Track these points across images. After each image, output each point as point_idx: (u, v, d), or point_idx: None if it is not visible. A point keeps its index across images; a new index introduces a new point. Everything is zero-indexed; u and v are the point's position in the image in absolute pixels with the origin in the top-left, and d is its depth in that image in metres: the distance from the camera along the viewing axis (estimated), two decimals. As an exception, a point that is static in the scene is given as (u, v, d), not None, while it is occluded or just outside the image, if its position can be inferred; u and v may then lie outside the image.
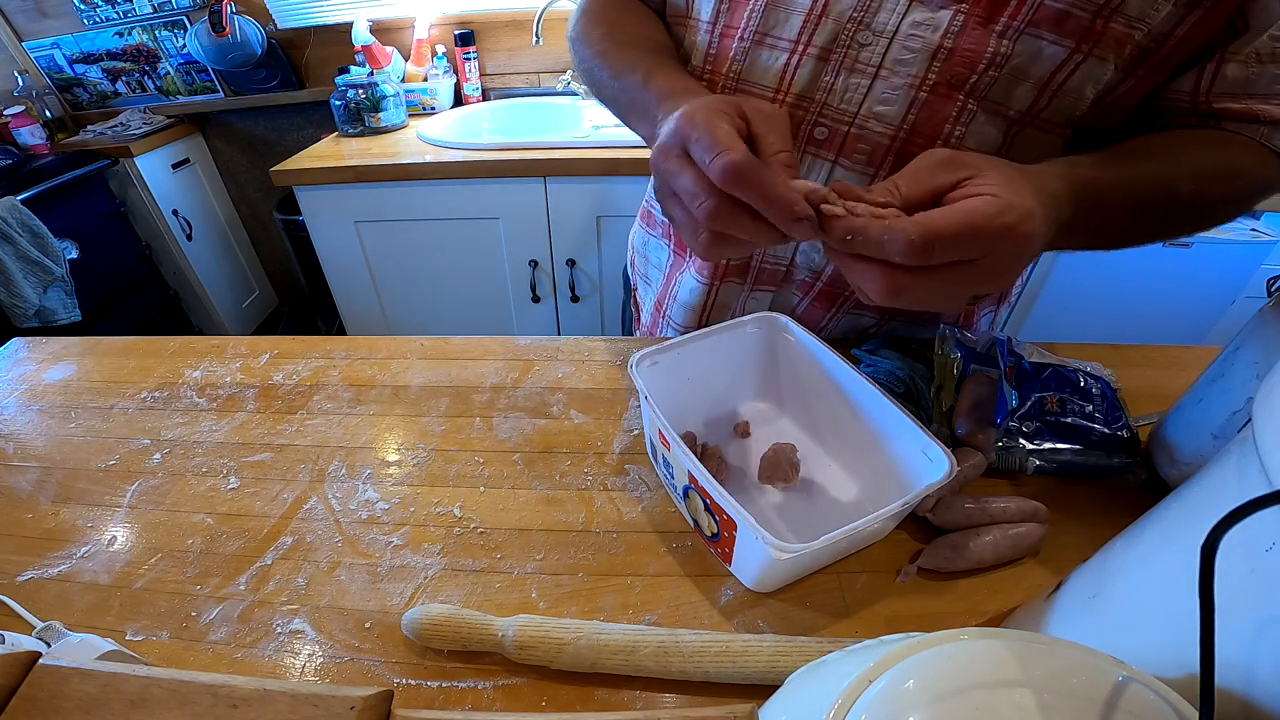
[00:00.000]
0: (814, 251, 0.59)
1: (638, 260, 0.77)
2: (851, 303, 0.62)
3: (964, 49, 0.44)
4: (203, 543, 0.48)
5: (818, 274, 0.60)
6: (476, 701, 0.38)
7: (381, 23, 1.73)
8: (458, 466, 0.54)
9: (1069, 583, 0.34)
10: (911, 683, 0.22)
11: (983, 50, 0.44)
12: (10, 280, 1.49)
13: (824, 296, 0.62)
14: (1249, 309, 0.86)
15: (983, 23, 0.43)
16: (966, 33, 0.44)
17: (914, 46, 0.45)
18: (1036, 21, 0.42)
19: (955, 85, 0.46)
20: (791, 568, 0.42)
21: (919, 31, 0.45)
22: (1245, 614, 0.22)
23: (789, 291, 0.63)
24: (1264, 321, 0.42)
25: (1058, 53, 0.43)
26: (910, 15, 0.45)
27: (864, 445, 0.48)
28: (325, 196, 1.44)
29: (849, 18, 0.46)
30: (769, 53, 0.50)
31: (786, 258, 0.61)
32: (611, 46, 0.55)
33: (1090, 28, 0.41)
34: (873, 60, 0.47)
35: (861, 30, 0.46)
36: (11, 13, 1.82)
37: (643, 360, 0.49)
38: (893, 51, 0.46)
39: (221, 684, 0.26)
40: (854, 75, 0.48)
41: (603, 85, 0.55)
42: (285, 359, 0.68)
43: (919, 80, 0.46)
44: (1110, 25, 0.41)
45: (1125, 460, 0.49)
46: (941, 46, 0.45)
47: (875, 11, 0.46)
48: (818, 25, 0.47)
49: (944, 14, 0.44)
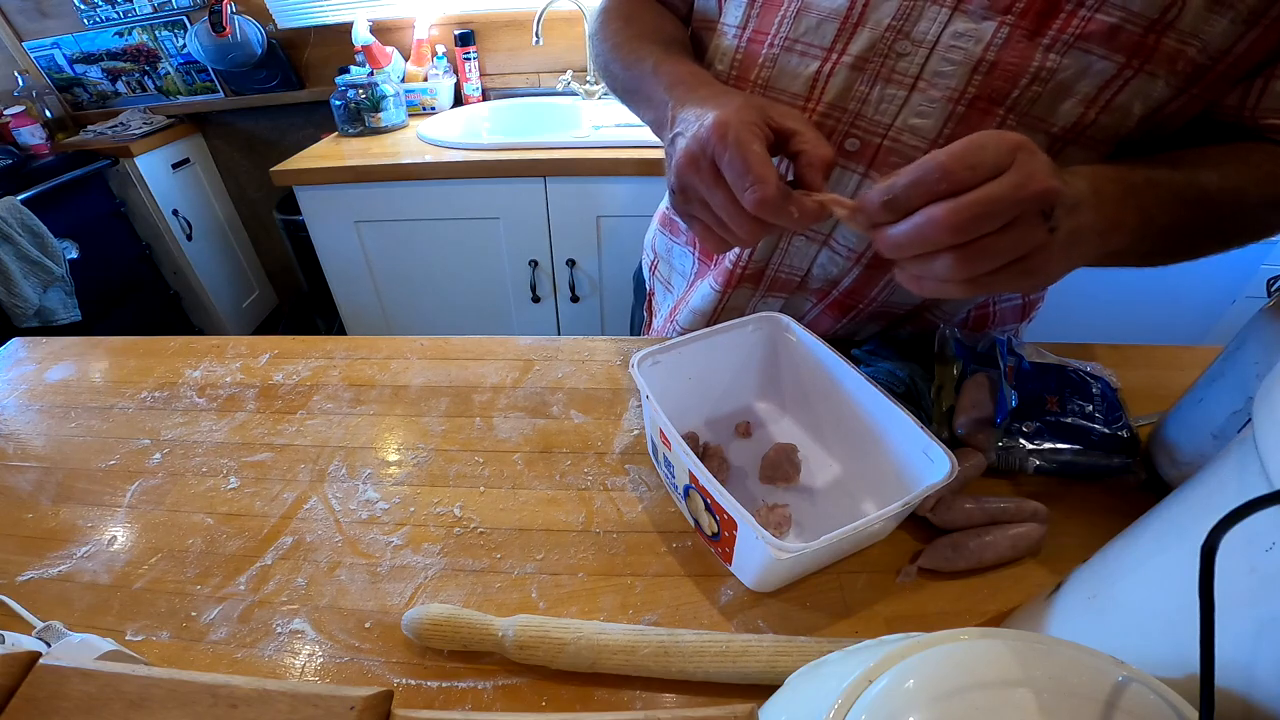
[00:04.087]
0: (831, 264, 0.58)
1: (660, 266, 0.75)
2: (865, 314, 0.61)
3: (1007, 62, 0.42)
4: (203, 543, 0.48)
5: (834, 283, 0.60)
6: (476, 701, 0.38)
7: (381, 23, 1.73)
8: (458, 466, 0.54)
9: (1069, 583, 0.34)
10: (911, 683, 0.22)
11: (1027, 64, 0.42)
12: (10, 280, 1.49)
13: (836, 306, 0.61)
14: (1249, 309, 0.86)
15: (1029, 35, 0.41)
16: (1011, 45, 0.42)
17: (954, 59, 0.44)
18: (1086, 35, 0.40)
19: (995, 100, 0.44)
20: (791, 568, 0.42)
21: (960, 43, 0.43)
22: (1245, 614, 0.22)
23: (801, 298, 0.63)
24: (1264, 321, 0.42)
25: (1107, 68, 0.41)
26: (952, 25, 0.43)
27: (864, 445, 0.48)
28: (325, 196, 1.44)
29: (887, 26, 0.44)
30: (799, 59, 0.48)
31: (803, 269, 0.60)
32: (625, 39, 0.55)
33: (1142, 42, 0.40)
34: (910, 71, 0.45)
35: (900, 39, 0.45)
36: (11, 13, 1.82)
37: (644, 360, 0.49)
38: (932, 63, 0.44)
39: (221, 684, 0.26)
40: (890, 86, 0.46)
41: (615, 75, 0.55)
42: (285, 359, 0.68)
43: (958, 93, 0.44)
44: (1163, 40, 0.39)
45: (1125, 460, 0.49)
46: (983, 59, 0.43)
47: (916, 20, 0.44)
48: (854, 33, 0.46)
49: (988, 25, 0.42)
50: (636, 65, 0.52)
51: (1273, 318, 0.42)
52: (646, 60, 0.51)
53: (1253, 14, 0.38)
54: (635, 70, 0.52)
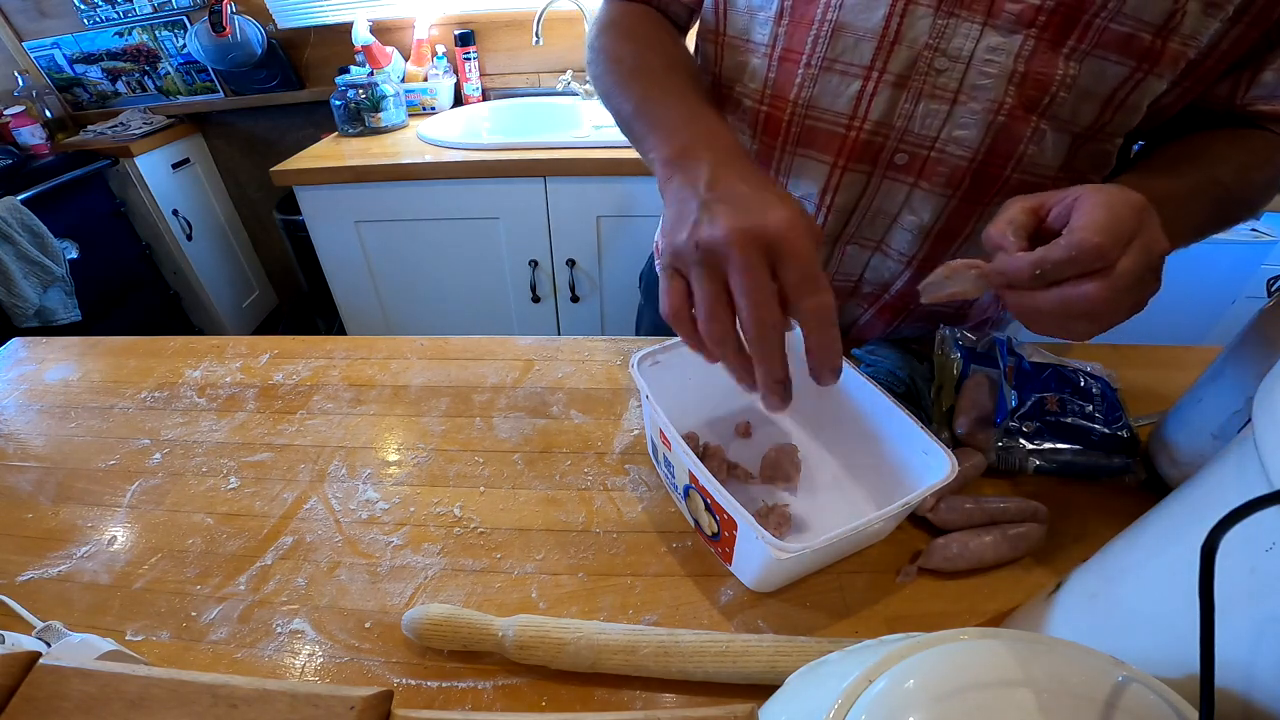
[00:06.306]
0: (883, 268, 0.59)
1: None
2: (916, 316, 0.62)
3: (1036, 72, 0.45)
4: (203, 543, 0.48)
5: (885, 287, 0.61)
6: (476, 701, 0.38)
7: (381, 23, 1.73)
8: (458, 466, 0.54)
9: (1069, 583, 0.34)
10: (911, 683, 0.22)
11: (1054, 73, 0.44)
12: (10, 280, 1.49)
13: (888, 309, 0.62)
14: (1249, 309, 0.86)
15: (1052, 46, 0.44)
16: (1038, 56, 0.44)
17: (990, 72, 0.46)
18: (1103, 44, 0.43)
19: (1030, 108, 0.46)
20: (791, 568, 0.42)
21: (994, 56, 0.45)
22: (1245, 614, 0.22)
23: (854, 304, 0.64)
24: (1264, 321, 0.42)
25: (1121, 72, 0.44)
26: (985, 40, 0.45)
27: (865, 445, 0.48)
28: (325, 196, 1.44)
29: (924, 44, 0.46)
30: (840, 79, 0.49)
31: (855, 274, 0.61)
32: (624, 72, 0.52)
33: (1150, 47, 0.43)
34: (950, 86, 0.47)
35: (938, 56, 0.46)
36: (11, 13, 1.82)
37: (644, 359, 0.49)
38: (970, 77, 0.46)
39: (221, 684, 0.26)
40: (932, 101, 0.48)
41: (609, 97, 0.53)
42: (285, 359, 0.68)
43: (997, 104, 0.46)
44: (1168, 44, 0.43)
45: (1125, 460, 0.49)
46: (1016, 71, 0.45)
47: (951, 37, 0.45)
48: (892, 51, 0.47)
49: (1016, 38, 0.44)
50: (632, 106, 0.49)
51: (1273, 318, 0.42)
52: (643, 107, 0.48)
53: (1238, 13, 0.42)
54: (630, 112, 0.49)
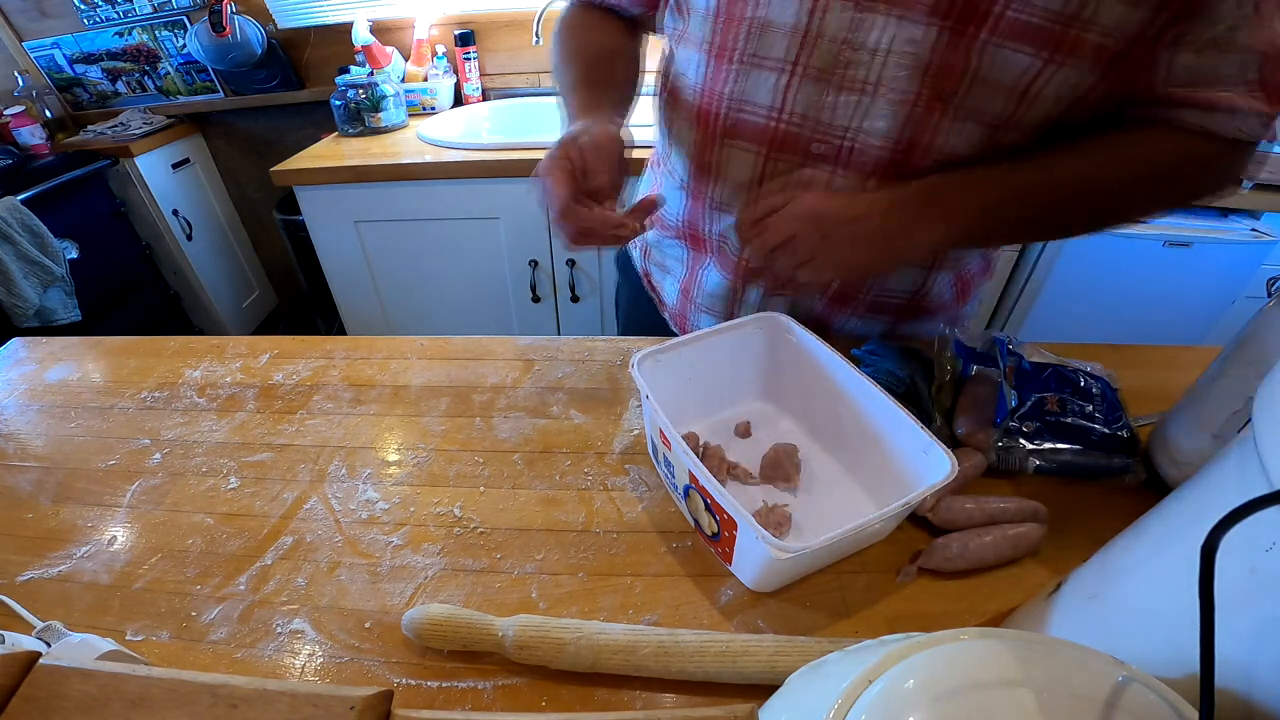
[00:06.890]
0: None
1: (653, 252, 0.78)
2: (863, 305, 0.64)
3: (946, 63, 0.46)
4: (203, 543, 0.48)
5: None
6: (476, 701, 0.38)
7: (381, 23, 1.73)
8: (458, 466, 0.54)
9: (1069, 583, 0.34)
10: (911, 683, 0.22)
11: (962, 64, 0.45)
12: (10, 280, 1.49)
13: (836, 299, 0.64)
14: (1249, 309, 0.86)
15: (960, 37, 0.45)
16: (947, 48, 0.45)
17: (904, 64, 0.47)
18: (1010, 35, 0.43)
19: (942, 98, 0.47)
20: (791, 568, 0.42)
21: (907, 48, 0.46)
22: (1245, 614, 0.22)
23: (807, 296, 0.65)
24: (1264, 321, 0.42)
25: (1029, 63, 0.44)
26: (897, 33, 0.46)
27: (865, 445, 0.48)
28: (325, 196, 1.44)
29: (842, 39, 0.48)
30: (763, 74, 0.52)
31: None
32: (562, 60, 0.65)
33: (1061, 38, 0.43)
34: (866, 78, 0.48)
35: (854, 50, 0.48)
36: (11, 13, 1.82)
37: (644, 360, 0.49)
38: (887, 69, 0.48)
39: (221, 684, 0.26)
40: (849, 94, 0.50)
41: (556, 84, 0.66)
42: (285, 359, 0.68)
43: (912, 96, 0.48)
44: (1084, 36, 0.43)
45: (1125, 460, 0.49)
46: (931, 63, 0.46)
47: (868, 30, 0.47)
48: (814, 47, 0.49)
49: (926, 30, 0.45)
50: (562, 90, 0.63)
51: (1272, 318, 0.42)
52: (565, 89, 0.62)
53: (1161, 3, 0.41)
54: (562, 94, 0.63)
